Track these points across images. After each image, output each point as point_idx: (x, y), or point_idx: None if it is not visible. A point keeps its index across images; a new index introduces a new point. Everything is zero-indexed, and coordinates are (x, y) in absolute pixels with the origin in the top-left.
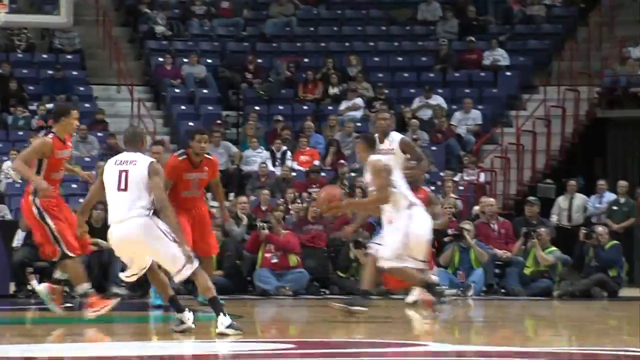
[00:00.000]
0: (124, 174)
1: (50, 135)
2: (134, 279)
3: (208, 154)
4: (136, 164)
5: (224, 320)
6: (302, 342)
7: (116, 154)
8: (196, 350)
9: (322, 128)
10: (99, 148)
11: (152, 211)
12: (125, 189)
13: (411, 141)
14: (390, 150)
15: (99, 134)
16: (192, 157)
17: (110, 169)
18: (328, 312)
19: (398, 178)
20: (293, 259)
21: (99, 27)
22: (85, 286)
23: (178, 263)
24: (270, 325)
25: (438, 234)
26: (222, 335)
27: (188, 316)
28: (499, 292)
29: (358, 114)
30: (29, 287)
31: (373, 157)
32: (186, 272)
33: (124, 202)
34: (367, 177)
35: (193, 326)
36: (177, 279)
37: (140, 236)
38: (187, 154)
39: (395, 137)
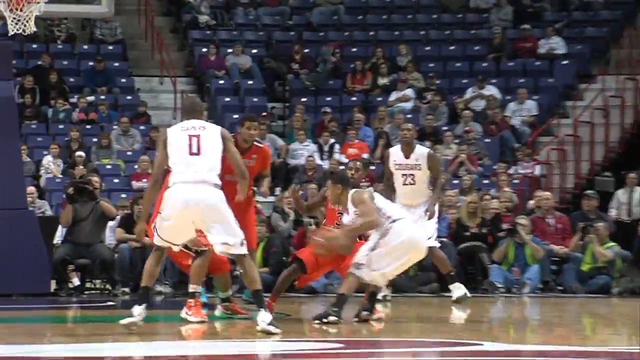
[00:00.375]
0: (195, 139)
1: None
2: (177, 249)
3: (259, 142)
4: (206, 129)
5: (265, 317)
6: (351, 342)
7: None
8: (242, 350)
9: (371, 120)
10: (141, 142)
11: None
12: (198, 153)
13: (437, 157)
14: (416, 166)
15: (142, 127)
16: (239, 142)
17: (177, 135)
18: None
19: (381, 200)
20: None
21: (141, 17)
22: (197, 287)
23: (235, 237)
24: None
25: (492, 229)
26: (264, 332)
27: (140, 311)
28: (556, 290)
29: (408, 105)
30: (70, 285)
31: (353, 190)
32: (238, 250)
33: (197, 165)
34: (348, 217)
35: (140, 323)
36: (226, 250)
37: (212, 202)
38: (235, 138)
39: (422, 150)
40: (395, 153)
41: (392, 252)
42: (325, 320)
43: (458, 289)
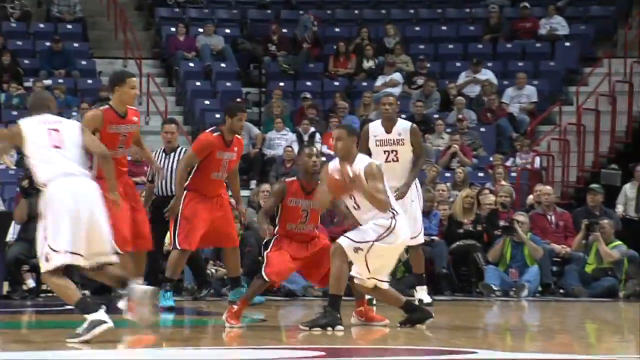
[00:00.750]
0: (54, 133)
1: (104, 107)
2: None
3: None
4: (63, 123)
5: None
6: (333, 349)
7: None
8: (212, 357)
9: (356, 107)
10: None
11: None
12: (61, 147)
13: (420, 132)
14: (399, 140)
15: None
16: (225, 134)
17: (33, 128)
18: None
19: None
20: None
21: None
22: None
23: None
24: (296, 330)
25: (488, 226)
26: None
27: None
28: (557, 293)
29: (396, 90)
30: (25, 287)
31: (366, 160)
32: (113, 257)
33: (63, 158)
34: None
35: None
36: (105, 259)
37: (96, 196)
38: (221, 130)
39: (405, 124)
40: (375, 128)
41: (387, 254)
42: (331, 329)
43: (426, 295)
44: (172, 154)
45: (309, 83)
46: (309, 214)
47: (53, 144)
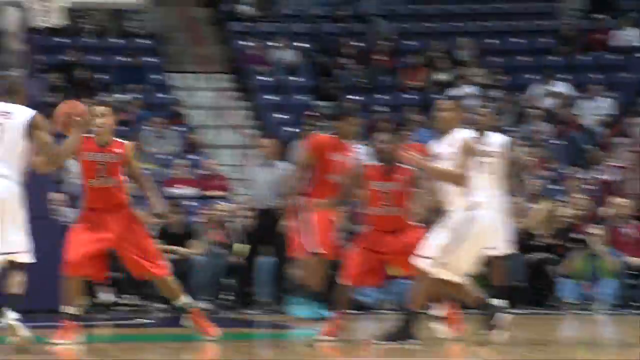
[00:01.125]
0: None
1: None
2: None
3: None
4: (13, 117)
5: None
6: None
7: (197, 152)
8: None
9: (429, 120)
10: (177, 145)
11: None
12: None
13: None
14: (491, 153)
15: (177, 129)
16: (339, 137)
17: None
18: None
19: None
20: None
21: (177, 8)
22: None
23: (18, 246)
24: (370, 344)
25: (563, 239)
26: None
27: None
28: (633, 306)
29: (470, 103)
30: (99, 301)
31: (470, 136)
32: (21, 258)
33: None
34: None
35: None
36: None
37: (12, 201)
38: (335, 133)
39: (500, 138)
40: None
41: (467, 249)
42: (406, 344)
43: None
44: (269, 168)
45: (382, 96)
46: (390, 197)
47: None
